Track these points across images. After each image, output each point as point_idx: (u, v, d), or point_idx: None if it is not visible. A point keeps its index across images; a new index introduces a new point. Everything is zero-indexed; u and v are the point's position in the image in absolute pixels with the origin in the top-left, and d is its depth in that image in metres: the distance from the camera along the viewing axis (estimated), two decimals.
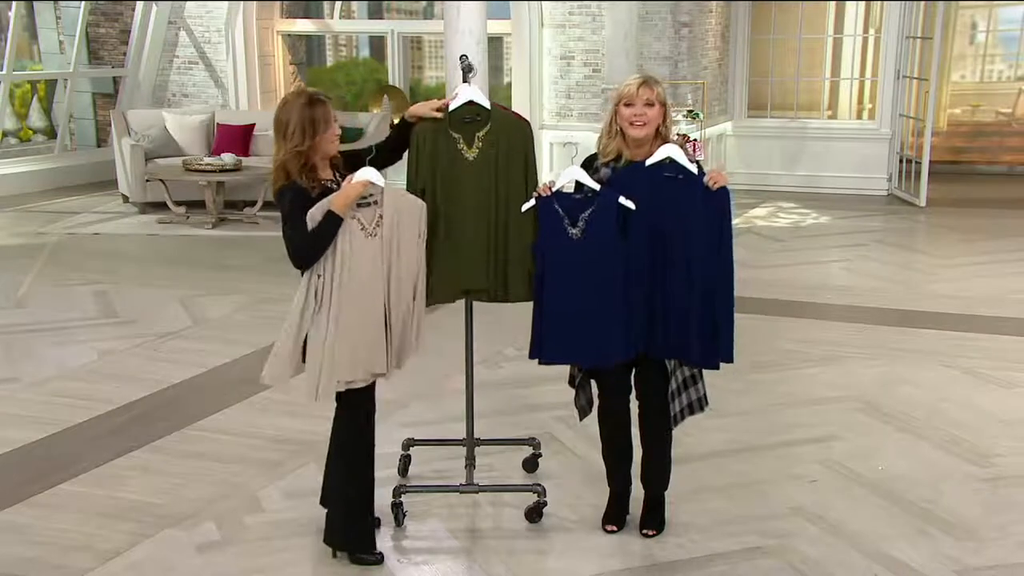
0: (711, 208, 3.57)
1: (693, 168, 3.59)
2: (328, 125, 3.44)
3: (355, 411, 3.63)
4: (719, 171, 3.64)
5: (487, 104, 3.81)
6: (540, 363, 3.81)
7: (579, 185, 3.67)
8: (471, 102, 3.79)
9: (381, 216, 3.50)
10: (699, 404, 3.79)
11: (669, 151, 3.59)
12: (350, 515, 3.69)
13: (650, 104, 3.61)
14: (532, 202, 3.72)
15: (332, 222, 3.38)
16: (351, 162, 3.63)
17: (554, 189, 3.68)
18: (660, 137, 3.68)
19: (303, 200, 3.43)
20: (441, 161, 3.78)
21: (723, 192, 3.56)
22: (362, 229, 3.46)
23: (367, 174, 3.43)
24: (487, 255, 3.83)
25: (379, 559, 3.70)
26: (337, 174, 3.56)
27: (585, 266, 3.63)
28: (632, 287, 3.62)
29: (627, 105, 3.63)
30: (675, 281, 3.59)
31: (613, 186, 3.62)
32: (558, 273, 3.67)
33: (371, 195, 3.48)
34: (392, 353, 3.61)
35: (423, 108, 3.79)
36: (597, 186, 3.63)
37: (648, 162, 3.61)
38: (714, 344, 3.64)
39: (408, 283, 3.59)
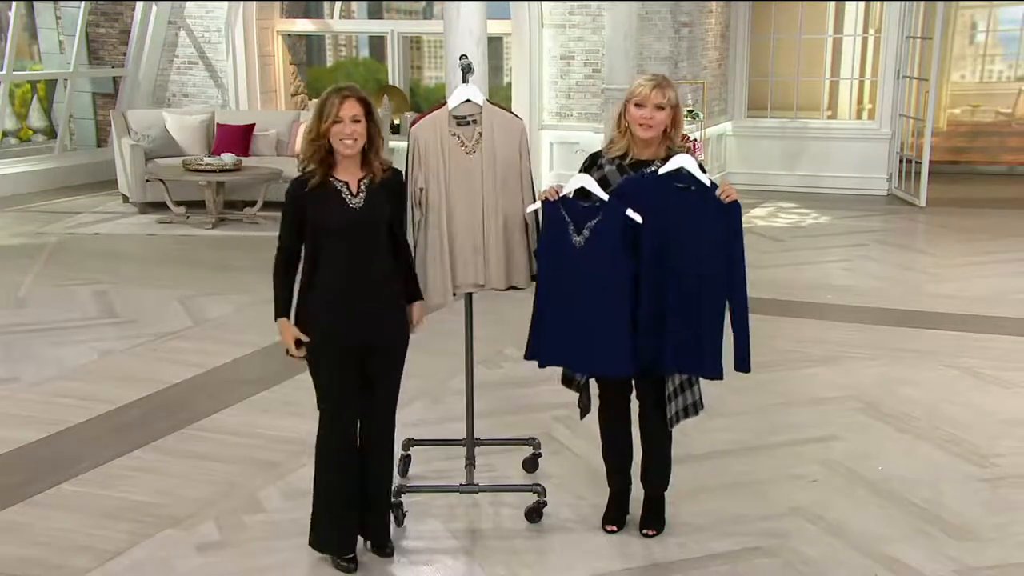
0: (724, 222, 3.54)
1: (706, 180, 3.56)
2: (330, 117, 3.37)
3: (323, 409, 3.59)
4: (729, 184, 3.62)
5: (482, 103, 3.82)
6: (540, 366, 3.80)
7: (587, 193, 3.65)
8: (468, 101, 3.81)
9: (480, 134, 3.68)
10: (694, 408, 3.79)
11: (682, 161, 3.55)
12: (320, 515, 3.65)
13: (660, 108, 3.60)
14: (538, 204, 3.72)
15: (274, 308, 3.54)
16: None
17: (561, 194, 3.67)
18: (667, 138, 3.67)
19: (292, 194, 3.49)
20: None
21: (735, 206, 3.55)
22: (462, 146, 3.66)
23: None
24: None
25: (348, 568, 3.64)
26: (366, 179, 3.49)
27: (585, 275, 3.61)
28: (641, 299, 3.60)
29: (638, 105, 3.62)
30: (685, 293, 3.57)
31: (621, 195, 3.59)
32: (559, 278, 3.66)
33: (470, 114, 3.70)
34: (496, 268, 3.77)
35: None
36: (605, 196, 3.61)
37: (661, 171, 3.58)
38: (719, 356, 3.62)
39: (508, 201, 3.79)
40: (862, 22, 13.39)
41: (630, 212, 3.53)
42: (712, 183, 3.57)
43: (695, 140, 9.97)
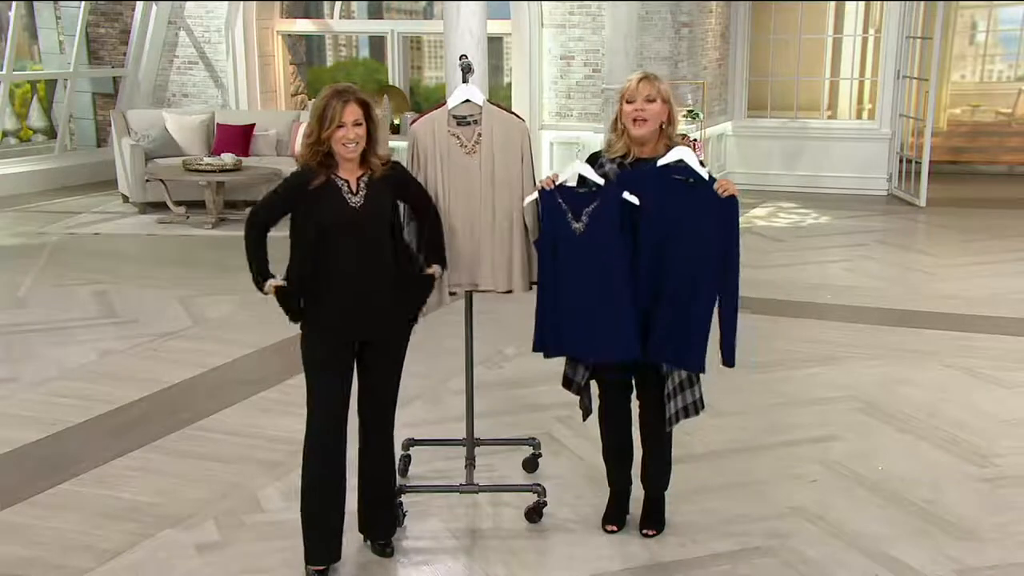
0: (720, 216, 3.54)
1: (704, 173, 3.56)
2: (333, 122, 3.37)
3: (311, 414, 3.57)
4: (729, 180, 3.62)
5: (482, 103, 3.82)
6: (545, 356, 3.79)
7: (582, 179, 3.65)
8: (468, 101, 3.81)
9: (480, 134, 3.68)
10: (695, 407, 3.78)
11: (681, 153, 3.55)
12: (303, 520, 3.63)
13: (651, 100, 3.59)
14: (534, 196, 3.72)
15: (251, 268, 3.50)
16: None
17: (557, 183, 3.67)
18: (664, 135, 3.67)
19: (293, 183, 3.49)
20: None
21: (732, 201, 3.54)
22: (462, 147, 3.67)
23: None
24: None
25: None
26: (365, 177, 3.49)
27: (588, 260, 3.61)
28: (636, 289, 3.60)
29: (628, 102, 3.61)
30: (678, 286, 3.57)
31: (620, 184, 3.60)
32: (561, 267, 3.65)
33: (471, 114, 3.70)
34: (494, 269, 3.79)
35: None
36: (601, 180, 3.61)
37: (660, 163, 3.58)
38: (703, 351, 3.61)
39: (508, 202, 3.79)
40: (862, 22, 13.39)
41: (627, 195, 3.54)
42: (711, 176, 3.57)
43: (695, 140, 9.96)
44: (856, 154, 11.70)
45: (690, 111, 10.34)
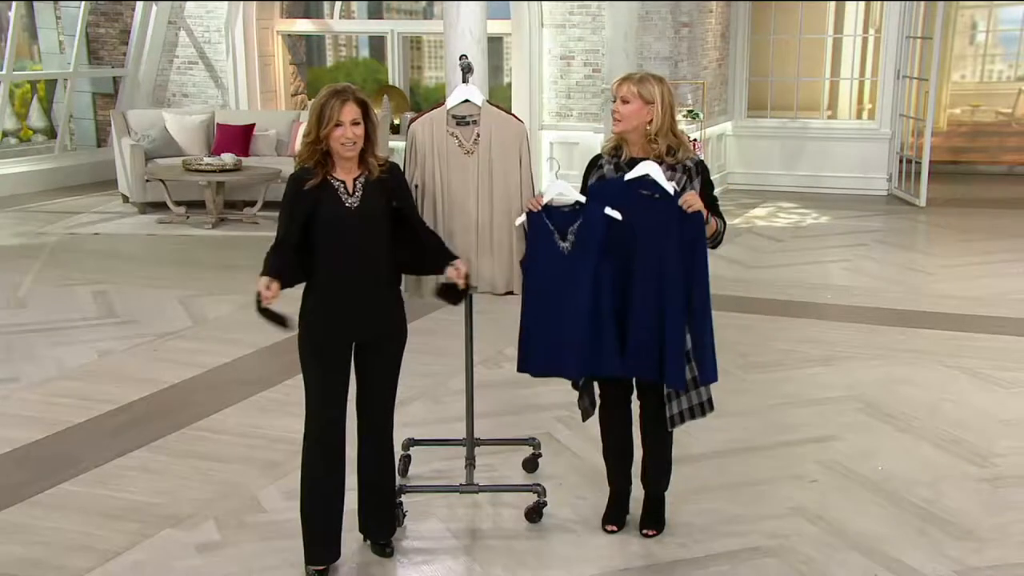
0: (686, 230, 3.54)
1: (670, 188, 3.56)
2: (331, 121, 3.35)
3: (310, 414, 3.57)
4: (694, 194, 3.57)
5: (481, 103, 3.82)
6: (533, 375, 3.82)
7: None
8: (467, 102, 3.81)
9: (479, 134, 3.70)
10: (701, 408, 3.76)
11: (647, 168, 3.56)
12: (303, 520, 3.63)
13: (624, 101, 3.61)
14: (524, 218, 3.73)
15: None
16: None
17: (543, 203, 3.68)
18: (646, 135, 3.66)
19: (292, 191, 3.47)
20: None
21: (697, 216, 3.54)
22: (460, 146, 3.69)
23: None
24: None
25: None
26: (362, 178, 3.48)
27: (578, 278, 3.61)
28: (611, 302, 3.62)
29: (613, 101, 3.65)
30: (648, 301, 3.57)
31: (592, 198, 3.62)
32: (549, 287, 3.65)
33: (470, 115, 3.73)
34: (494, 270, 3.81)
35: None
36: (583, 198, 3.64)
37: (626, 177, 3.60)
38: (683, 365, 3.60)
39: (507, 203, 3.80)
40: (862, 22, 13.38)
41: (608, 210, 3.56)
42: (676, 192, 3.56)
43: (695, 140, 9.97)
44: (856, 154, 11.70)
45: (690, 111, 10.34)
